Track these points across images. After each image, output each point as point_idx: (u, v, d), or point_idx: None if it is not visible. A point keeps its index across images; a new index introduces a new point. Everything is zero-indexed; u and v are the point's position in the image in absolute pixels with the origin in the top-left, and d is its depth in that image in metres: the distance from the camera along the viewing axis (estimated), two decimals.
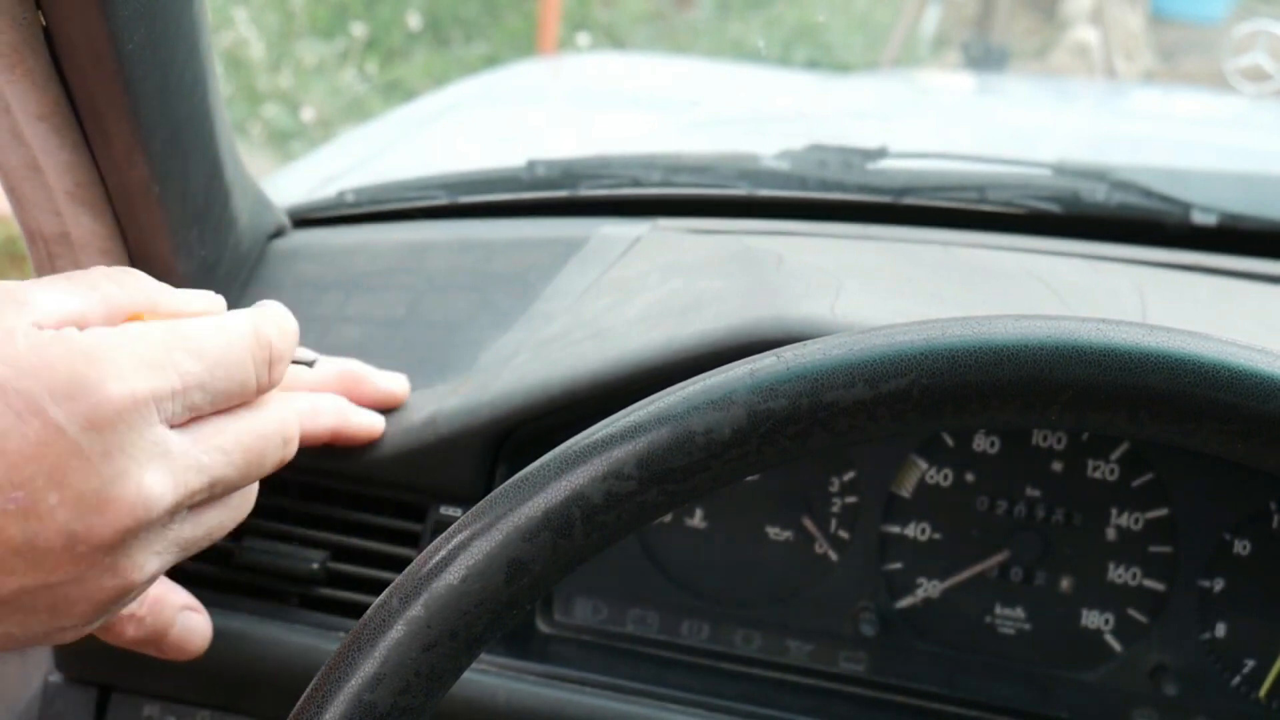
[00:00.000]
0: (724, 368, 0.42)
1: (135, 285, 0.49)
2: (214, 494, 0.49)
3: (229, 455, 0.48)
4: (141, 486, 0.44)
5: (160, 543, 0.47)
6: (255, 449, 0.50)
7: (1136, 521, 0.71)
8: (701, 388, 0.41)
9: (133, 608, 0.60)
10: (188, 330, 0.47)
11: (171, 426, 0.46)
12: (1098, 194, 0.89)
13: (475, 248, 0.85)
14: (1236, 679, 0.71)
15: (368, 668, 0.40)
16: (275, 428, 0.51)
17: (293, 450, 0.53)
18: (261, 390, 0.50)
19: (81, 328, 0.45)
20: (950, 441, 0.71)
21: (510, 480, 0.41)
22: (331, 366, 0.69)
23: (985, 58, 4.06)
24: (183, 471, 0.46)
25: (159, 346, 0.45)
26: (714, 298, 0.71)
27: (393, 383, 0.71)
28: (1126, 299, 0.75)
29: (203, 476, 0.47)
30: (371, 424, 0.69)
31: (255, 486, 0.53)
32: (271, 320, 0.51)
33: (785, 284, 0.72)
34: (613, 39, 5.67)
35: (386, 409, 0.71)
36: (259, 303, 0.53)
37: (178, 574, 0.72)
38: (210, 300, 0.52)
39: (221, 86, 0.68)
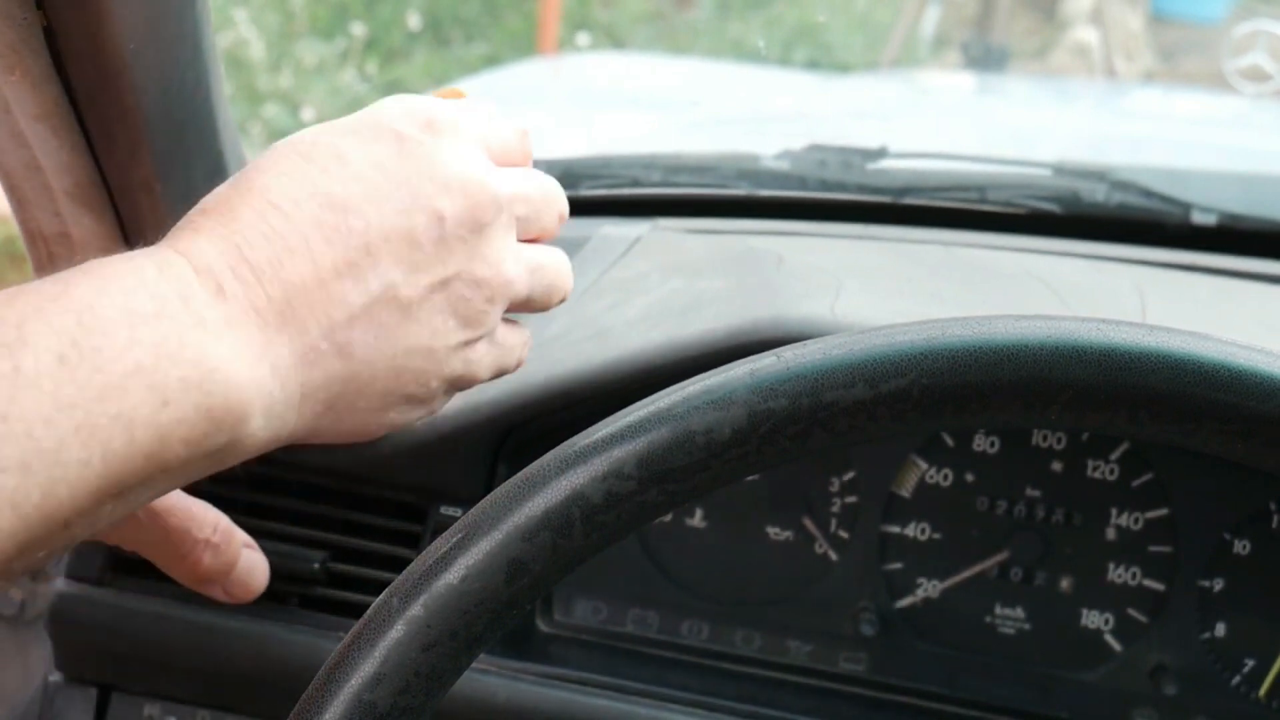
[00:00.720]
0: (724, 368, 0.42)
1: None
2: (528, 212, 0.58)
3: (528, 186, 0.58)
4: (485, 176, 0.55)
5: (513, 250, 0.57)
6: (544, 189, 0.60)
7: (1136, 521, 0.71)
8: (701, 388, 0.41)
9: (208, 534, 0.64)
10: (471, 103, 0.59)
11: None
12: (1098, 194, 0.89)
13: None
14: (1236, 679, 0.71)
15: (368, 668, 0.40)
16: (551, 184, 0.60)
17: (566, 209, 0.62)
18: (524, 160, 0.60)
19: None
20: (950, 441, 0.72)
21: (510, 480, 0.41)
22: None
23: (985, 58, 4.07)
24: (504, 179, 0.56)
25: (454, 105, 0.57)
26: (714, 298, 0.71)
27: None
28: (1126, 299, 0.75)
29: (516, 187, 0.57)
30: None
31: (561, 253, 0.61)
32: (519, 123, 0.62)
33: (785, 284, 0.72)
34: (613, 39, 5.67)
35: None
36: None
37: None
38: None
39: (224, 86, 0.68)
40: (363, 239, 0.51)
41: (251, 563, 0.67)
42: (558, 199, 0.61)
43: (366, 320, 0.52)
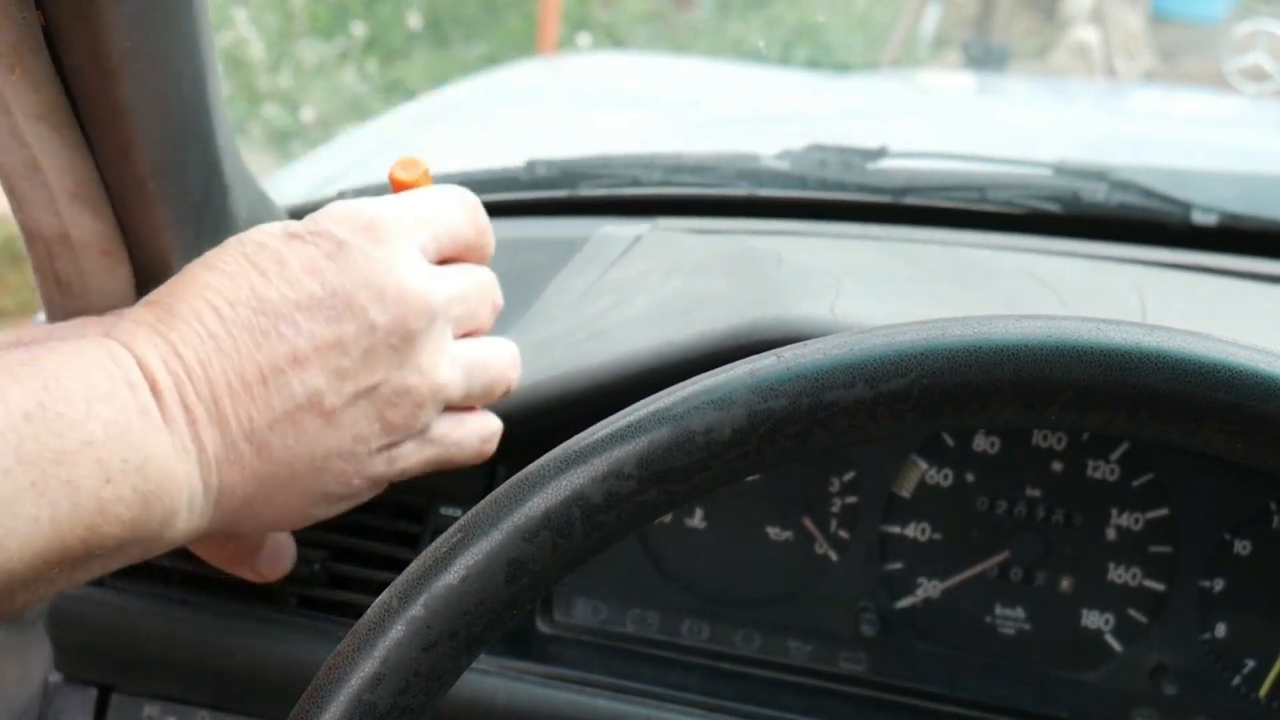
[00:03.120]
0: (724, 368, 0.42)
1: None
2: (466, 311, 0.59)
3: (469, 283, 0.59)
4: (421, 284, 0.55)
5: (447, 353, 0.57)
6: (485, 283, 0.61)
7: (1136, 521, 0.71)
8: (702, 388, 0.41)
9: None
10: (418, 193, 0.60)
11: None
12: (1098, 194, 0.89)
13: None
14: (1236, 679, 0.71)
15: (368, 668, 0.40)
16: (490, 279, 0.62)
17: (501, 301, 0.63)
18: (476, 237, 0.61)
19: None
20: (950, 441, 0.71)
21: (510, 480, 0.41)
22: None
23: (985, 58, 4.06)
24: (443, 280, 0.57)
25: (397, 199, 0.58)
26: (714, 298, 0.71)
27: None
28: (1126, 299, 0.75)
29: (456, 286, 0.58)
30: None
31: (508, 343, 0.63)
32: (472, 197, 0.63)
33: (785, 284, 0.72)
34: (613, 39, 5.67)
35: None
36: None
37: (179, 574, 0.72)
38: None
39: (222, 85, 0.68)
40: (291, 346, 0.53)
41: (278, 542, 0.68)
42: (491, 292, 0.62)
43: (288, 424, 0.53)
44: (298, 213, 0.90)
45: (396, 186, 0.62)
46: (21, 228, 0.64)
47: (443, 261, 0.60)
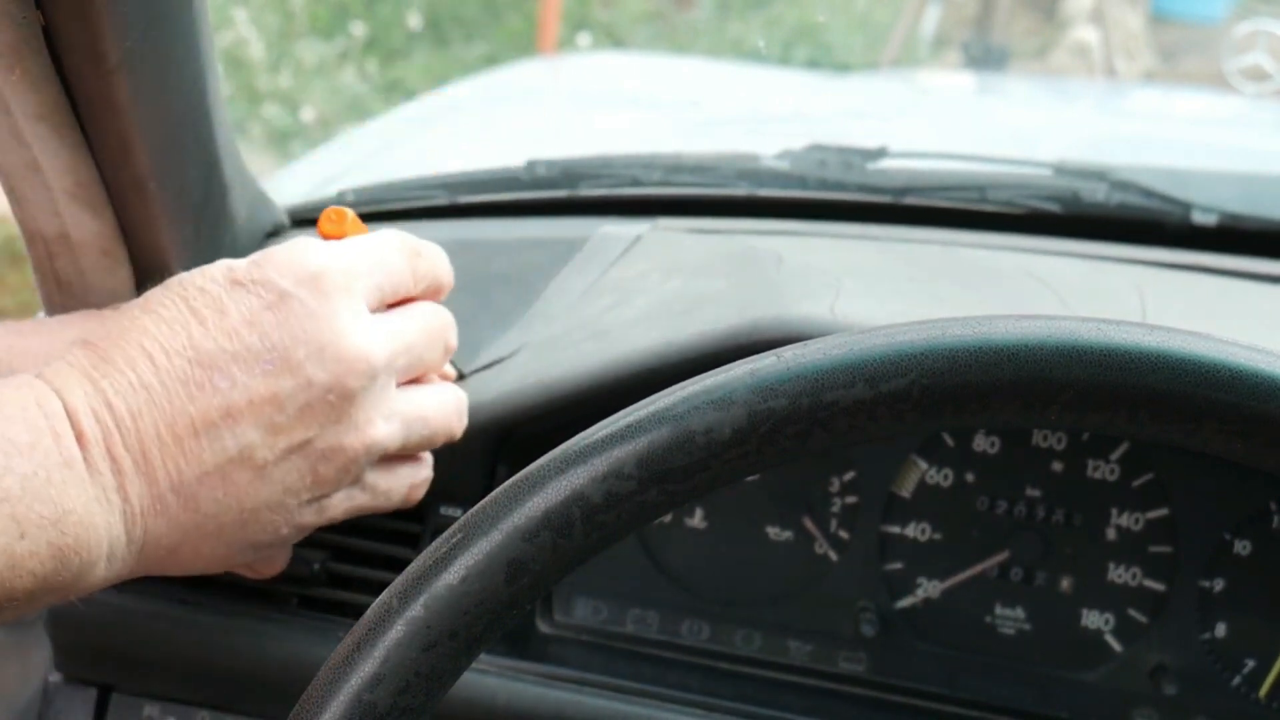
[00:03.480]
0: (724, 368, 0.42)
1: None
2: (411, 359, 0.59)
3: (414, 329, 0.59)
4: (362, 341, 0.55)
5: (385, 408, 0.57)
6: (430, 325, 0.60)
7: (1136, 521, 0.71)
8: (702, 388, 0.41)
9: None
10: (358, 240, 0.59)
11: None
12: (1098, 194, 0.89)
13: (475, 248, 0.85)
14: (1236, 679, 0.71)
15: (367, 668, 0.40)
16: (438, 318, 0.61)
17: (455, 342, 0.63)
18: (417, 284, 0.61)
19: None
20: (950, 441, 0.71)
21: (510, 480, 0.41)
22: None
23: (985, 58, 4.06)
24: (385, 333, 0.56)
25: (340, 247, 0.57)
26: (714, 298, 0.71)
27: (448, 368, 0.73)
28: (1126, 299, 0.75)
29: (397, 339, 0.57)
30: None
31: (455, 389, 0.63)
32: (411, 241, 0.63)
33: (785, 284, 0.72)
34: (613, 39, 5.67)
35: None
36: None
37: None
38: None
39: (222, 85, 0.68)
40: (225, 400, 0.52)
41: None
42: (442, 333, 0.61)
43: (218, 477, 0.53)
44: (297, 213, 0.91)
45: (325, 239, 0.61)
46: (21, 228, 0.64)
47: (392, 306, 0.59)
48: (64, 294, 0.66)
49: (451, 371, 0.71)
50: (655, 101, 1.94)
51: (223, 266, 0.55)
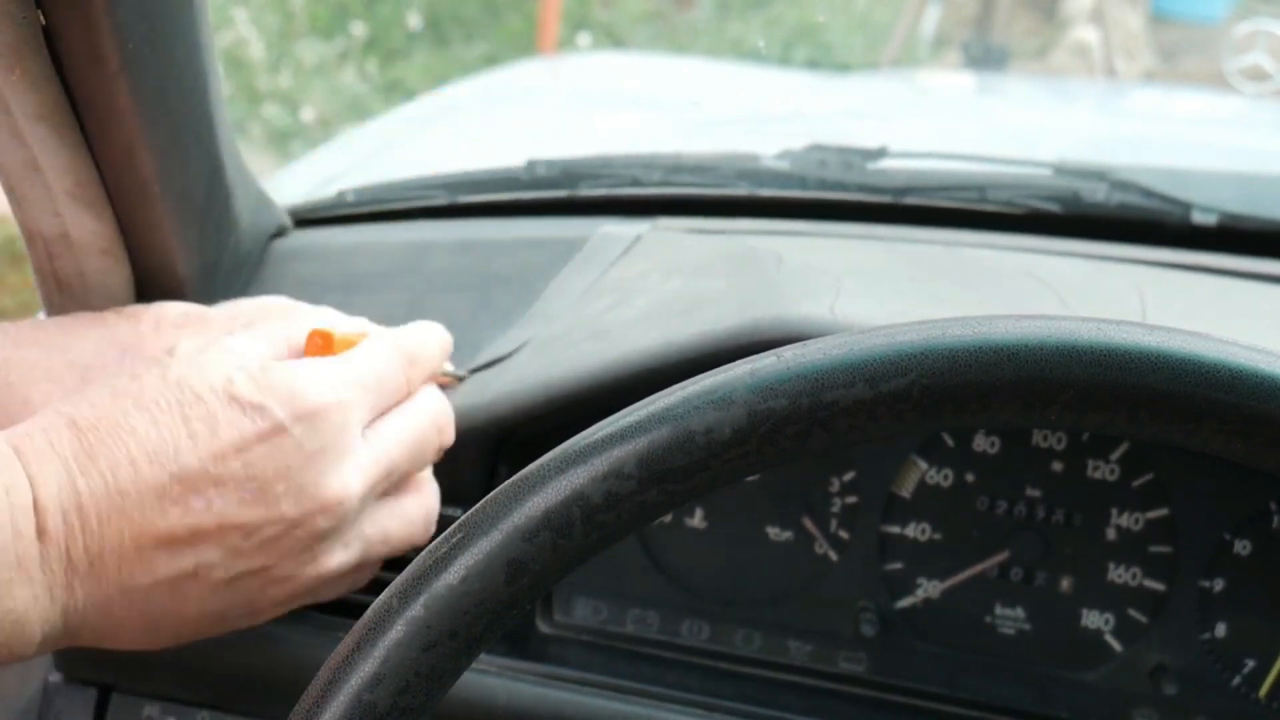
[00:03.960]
0: (724, 367, 0.42)
1: (298, 317, 0.62)
2: (390, 480, 0.59)
3: (400, 443, 0.59)
4: (343, 484, 0.55)
5: (348, 535, 0.57)
6: (418, 437, 0.61)
7: (1136, 521, 0.71)
8: (702, 388, 0.41)
9: None
10: (356, 358, 0.59)
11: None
12: (1098, 194, 0.89)
13: (475, 248, 0.85)
14: (1236, 679, 0.71)
15: (367, 668, 0.40)
16: (429, 419, 0.62)
17: (449, 438, 0.64)
18: (412, 390, 0.62)
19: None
20: (950, 441, 0.71)
21: (510, 480, 0.41)
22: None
23: (985, 58, 4.06)
24: (368, 466, 0.57)
25: (340, 373, 0.57)
26: (714, 298, 0.71)
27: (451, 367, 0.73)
28: (1126, 299, 0.75)
29: (379, 467, 0.58)
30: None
31: (426, 497, 0.64)
32: (408, 336, 0.63)
33: (785, 284, 0.72)
34: (613, 39, 5.67)
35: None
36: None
37: None
38: (359, 324, 0.64)
39: (223, 86, 0.68)
40: (196, 520, 0.52)
41: None
42: (436, 428, 0.62)
43: (167, 588, 0.53)
44: (297, 213, 0.91)
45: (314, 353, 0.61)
46: (21, 228, 0.64)
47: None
48: (64, 294, 0.66)
49: (449, 371, 0.71)
50: (655, 101, 1.94)
51: (224, 377, 0.54)
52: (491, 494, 0.41)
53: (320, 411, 0.55)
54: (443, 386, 0.71)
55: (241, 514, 0.53)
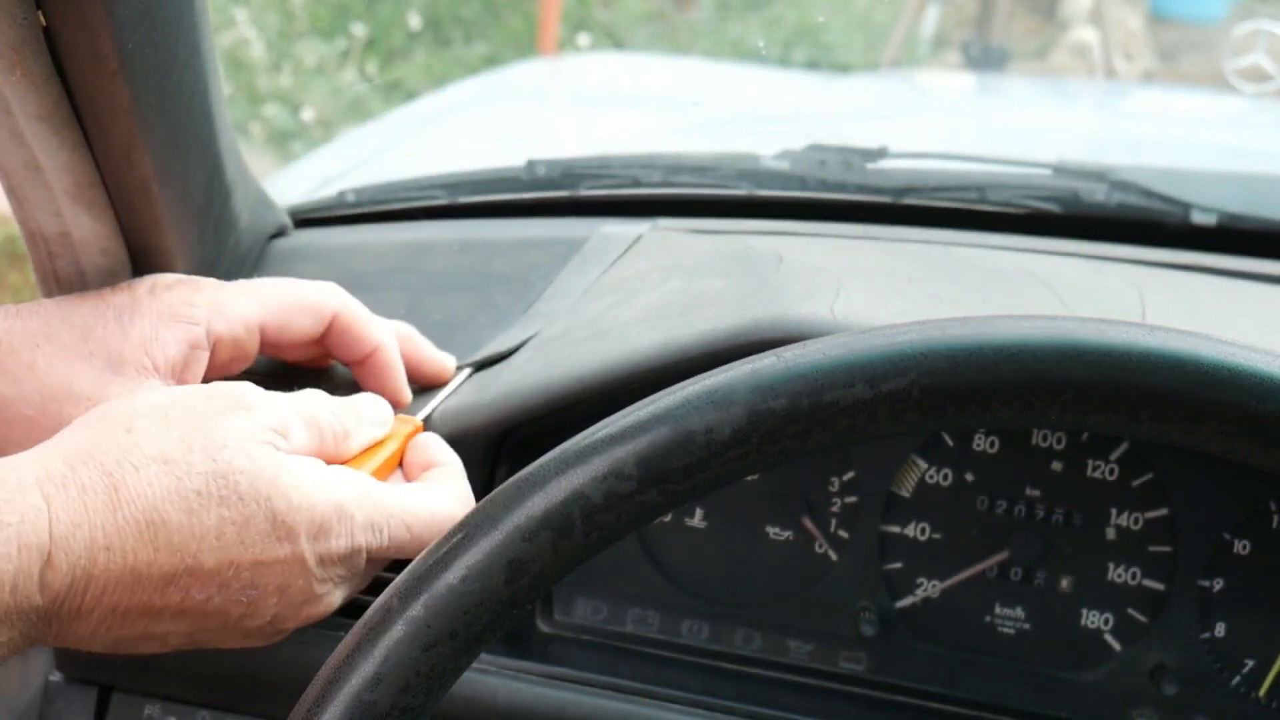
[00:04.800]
0: (724, 367, 0.42)
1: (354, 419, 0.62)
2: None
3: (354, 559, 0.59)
4: (332, 601, 0.58)
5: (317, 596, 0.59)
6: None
7: (1136, 521, 0.71)
8: (702, 388, 0.41)
9: None
10: (396, 499, 0.59)
11: None
12: (1098, 194, 0.89)
13: (475, 248, 0.85)
14: (1236, 679, 0.71)
15: (368, 667, 0.40)
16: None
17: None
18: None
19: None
20: (950, 441, 0.72)
21: (510, 480, 0.41)
22: (388, 325, 0.70)
23: (985, 58, 4.06)
24: (357, 584, 0.60)
25: (377, 510, 0.58)
26: (714, 298, 0.71)
27: (444, 356, 0.73)
28: (1126, 299, 0.75)
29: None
30: (443, 362, 0.72)
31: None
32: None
33: (785, 284, 0.72)
34: (613, 39, 5.66)
35: (435, 380, 0.72)
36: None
37: None
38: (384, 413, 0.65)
39: (223, 86, 0.68)
40: (191, 605, 0.53)
41: None
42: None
43: (143, 639, 0.54)
44: (297, 213, 0.91)
45: None
46: (21, 227, 0.64)
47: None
48: (64, 294, 0.66)
49: (450, 370, 0.71)
50: (655, 101, 1.94)
51: (269, 485, 0.54)
52: (491, 494, 0.41)
53: (341, 559, 0.56)
54: (443, 386, 0.71)
55: (230, 608, 0.54)
